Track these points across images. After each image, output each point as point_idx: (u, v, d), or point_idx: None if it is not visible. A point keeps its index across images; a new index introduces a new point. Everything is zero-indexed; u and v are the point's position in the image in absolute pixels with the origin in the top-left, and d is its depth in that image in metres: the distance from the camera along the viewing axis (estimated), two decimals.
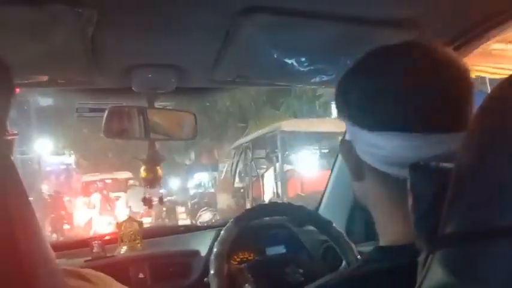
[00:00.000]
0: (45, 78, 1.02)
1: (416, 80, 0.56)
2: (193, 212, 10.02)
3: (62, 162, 13.28)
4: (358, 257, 1.25)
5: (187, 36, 0.99)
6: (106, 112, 1.17)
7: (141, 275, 1.42)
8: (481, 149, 0.39)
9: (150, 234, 1.65)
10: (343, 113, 0.64)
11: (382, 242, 0.64)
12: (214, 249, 1.22)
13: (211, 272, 1.19)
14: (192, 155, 13.18)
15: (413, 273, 0.49)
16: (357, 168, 0.63)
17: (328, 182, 1.73)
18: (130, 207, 9.38)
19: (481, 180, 0.39)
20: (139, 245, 1.55)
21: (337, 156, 1.68)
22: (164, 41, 1.00)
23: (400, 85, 0.57)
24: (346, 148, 0.64)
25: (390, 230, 0.62)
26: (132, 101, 1.28)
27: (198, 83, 1.25)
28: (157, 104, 1.25)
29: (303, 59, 1.09)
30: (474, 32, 0.98)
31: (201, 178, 14.00)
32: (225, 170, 10.66)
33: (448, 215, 0.42)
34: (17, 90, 0.58)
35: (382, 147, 0.57)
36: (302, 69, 1.11)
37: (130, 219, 1.61)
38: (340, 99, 0.65)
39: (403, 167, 0.55)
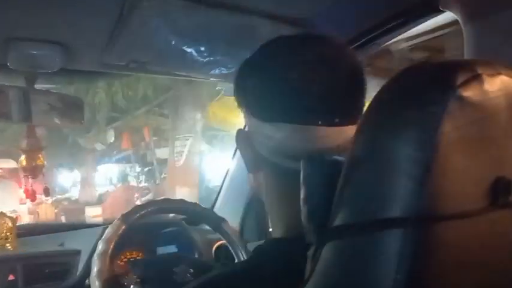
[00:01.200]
0: None
1: (306, 72, 0.57)
2: None
3: None
4: None
5: (78, 12, 0.91)
6: None
7: (11, 277, 1.28)
8: (368, 142, 0.40)
9: (26, 232, 1.49)
10: (241, 103, 0.64)
11: (275, 234, 0.64)
12: (98, 248, 1.13)
13: (93, 272, 1.10)
14: (110, 136, 9.57)
15: (303, 266, 0.48)
16: (253, 159, 0.63)
17: (224, 179, 1.72)
18: None
19: (367, 173, 0.40)
20: (10, 243, 1.40)
21: (234, 152, 1.68)
22: (51, 13, 0.91)
23: (291, 77, 0.57)
24: (243, 138, 0.64)
25: (282, 222, 0.63)
26: (9, 80, 1.14)
27: (87, 65, 1.15)
28: (39, 86, 1.13)
29: (203, 49, 1.06)
30: (370, 35, 1.03)
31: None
32: (186, 150, 7.01)
33: (336, 208, 0.42)
34: None
35: (274, 138, 0.57)
36: (201, 59, 1.08)
37: (2, 214, 1.45)
38: (238, 90, 0.64)
39: (294, 158, 0.55)
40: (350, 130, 0.57)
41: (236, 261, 1.30)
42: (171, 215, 1.53)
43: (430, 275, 0.36)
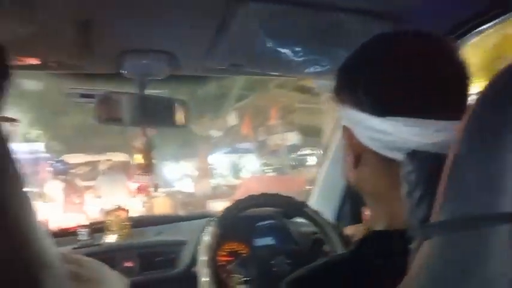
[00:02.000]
0: (37, 61, 1.01)
1: (424, 67, 0.59)
2: None
3: (31, 150, 9.13)
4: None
5: (181, 23, 0.99)
6: (97, 98, 1.17)
7: (128, 264, 1.43)
8: (476, 137, 0.40)
9: (138, 223, 1.65)
10: (344, 100, 0.65)
11: (376, 227, 0.66)
12: (204, 239, 1.23)
13: (201, 261, 1.20)
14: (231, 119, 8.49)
15: (406, 258, 0.50)
16: (358, 154, 0.65)
17: (318, 174, 1.74)
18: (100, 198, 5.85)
19: (474, 169, 0.40)
20: (127, 233, 1.55)
21: (326, 148, 1.69)
22: (158, 26, 1.00)
23: (408, 72, 0.59)
24: (349, 134, 0.65)
25: (386, 215, 0.64)
26: (123, 87, 1.27)
27: (191, 70, 1.25)
28: (148, 91, 1.25)
29: (298, 49, 1.09)
30: (467, 26, 0.99)
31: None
32: None
33: (441, 202, 0.43)
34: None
35: (388, 133, 0.59)
36: (296, 59, 1.12)
37: (118, 207, 1.61)
38: (344, 87, 0.66)
39: (405, 152, 0.57)
40: (458, 126, 0.57)
41: (332, 253, 1.33)
42: (268, 208, 1.59)
43: None
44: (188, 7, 0.91)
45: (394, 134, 0.58)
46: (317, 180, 1.75)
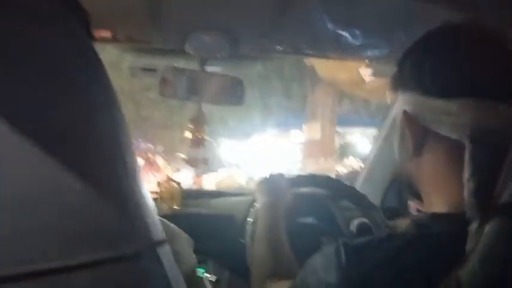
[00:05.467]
0: (108, 33, 1.09)
1: (491, 51, 0.63)
2: None
3: None
4: None
5: (244, 3, 1.04)
6: (160, 73, 1.24)
7: None
8: None
9: (187, 196, 1.73)
10: (411, 83, 0.68)
11: (432, 210, 0.68)
12: (250, 215, 1.28)
13: (249, 235, 1.25)
14: None
15: (463, 241, 0.52)
16: (420, 139, 0.67)
17: (365, 163, 1.76)
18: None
19: None
20: (177, 204, 1.63)
21: (376, 140, 1.71)
22: (221, 6, 1.05)
23: (475, 53, 0.63)
24: (410, 119, 0.68)
25: (444, 199, 0.66)
26: (183, 63, 1.34)
27: (250, 50, 1.29)
28: (208, 68, 1.31)
29: (357, 32, 1.12)
30: None
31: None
32: None
33: (504, 185, 0.45)
34: None
35: (454, 114, 0.61)
36: (355, 42, 1.14)
37: (169, 179, 1.70)
38: (408, 70, 0.69)
39: (469, 133, 0.60)
40: None
41: None
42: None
43: None
44: None
45: (458, 115, 0.61)
46: (364, 167, 1.77)
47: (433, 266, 0.58)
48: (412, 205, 1.88)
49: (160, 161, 6.58)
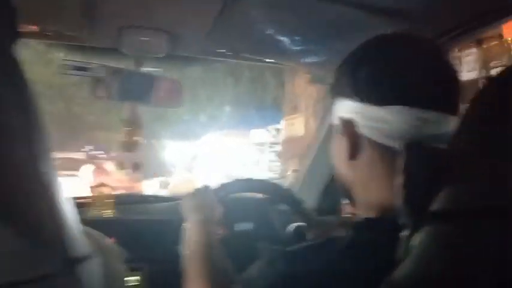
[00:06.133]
0: (35, 28, 1.01)
1: (425, 61, 0.65)
2: None
3: None
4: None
5: (183, 2, 1.00)
6: (93, 72, 1.17)
7: (112, 240, 1.43)
8: (477, 131, 0.44)
9: (122, 201, 1.66)
10: (347, 91, 0.69)
11: (364, 215, 0.70)
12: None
13: (184, 242, 1.21)
14: None
15: (396, 247, 0.52)
16: (355, 145, 0.69)
17: (302, 167, 1.78)
18: None
19: (473, 162, 0.43)
20: (109, 210, 1.56)
21: (312, 144, 1.73)
22: (159, 4, 1.01)
23: (410, 63, 0.65)
24: (346, 126, 0.69)
25: (376, 204, 0.68)
26: (118, 63, 1.28)
27: (189, 51, 1.26)
28: (144, 69, 1.26)
29: (297, 38, 1.12)
30: (461, 29, 1.04)
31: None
32: None
33: (437, 193, 0.46)
34: None
35: (387, 121, 0.64)
36: (295, 48, 1.14)
37: (102, 184, 1.62)
38: (345, 77, 0.70)
39: (405, 141, 0.60)
40: (453, 120, 0.63)
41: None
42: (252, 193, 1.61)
43: None
44: None
45: (393, 122, 0.63)
46: (301, 169, 1.78)
47: (369, 271, 0.57)
48: (347, 208, 1.93)
49: (110, 166, 6.41)
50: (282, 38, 1.13)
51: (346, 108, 0.69)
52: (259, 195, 1.66)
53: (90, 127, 8.52)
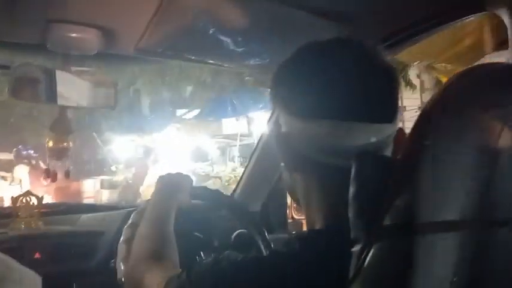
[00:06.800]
0: None
1: (348, 72, 0.62)
2: None
3: None
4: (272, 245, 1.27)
5: None
6: (13, 70, 1.07)
7: (37, 255, 1.32)
8: (428, 143, 0.42)
9: (51, 211, 1.54)
10: (280, 103, 0.67)
11: (310, 227, 0.68)
12: (124, 233, 1.17)
13: (120, 257, 1.14)
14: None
15: (341, 260, 0.50)
16: (293, 159, 0.66)
17: (245, 169, 1.74)
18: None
19: (425, 174, 0.41)
20: (37, 221, 1.44)
21: (256, 145, 1.70)
22: None
23: (334, 76, 0.61)
24: (282, 139, 0.66)
25: (321, 216, 0.65)
26: (45, 61, 1.17)
27: (124, 50, 1.18)
28: (75, 68, 1.16)
29: (239, 39, 1.08)
30: (405, 33, 1.05)
31: None
32: None
33: (389, 207, 0.44)
34: None
35: (316, 136, 0.61)
36: (237, 49, 1.11)
37: (28, 192, 1.50)
38: (276, 90, 0.68)
39: (337, 155, 0.60)
40: (387, 128, 0.62)
41: (255, 250, 1.33)
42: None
43: (489, 280, 0.37)
44: None
45: (324, 137, 0.61)
46: (244, 176, 1.75)
47: (315, 283, 0.56)
48: (295, 213, 1.92)
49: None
50: (223, 39, 1.08)
51: (281, 119, 0.67)
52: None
53: (17, 129, 8.01)
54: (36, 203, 1.47)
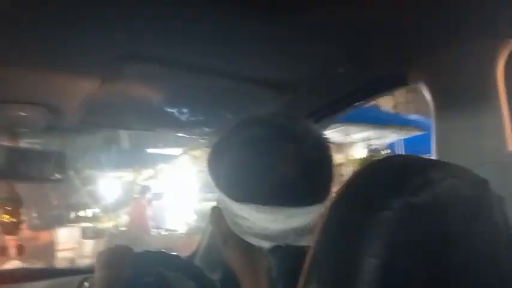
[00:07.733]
0: None
1: (272, 156, 0.62)
2: None
3: None
4: None
5: (62, 75, 0.96)
6: None
7: None
8: (330, 240, 0.44)
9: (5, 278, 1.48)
10: (214, 181, 0.68)
11: None
12: None
13: None
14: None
15: None
16: (224, 234, 0.67)
17: (203, 234, 1.73)
18: None
19: (328, 268, 0.43)
20: None
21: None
22: (35, 77, 0.95)
23: (261, 160, 0.63)
24: (216, 215, 0.68)
25: None
26: None
27: (70, 122, 1.19)
28: (23, 142, 1.17)
29: (185, 110, 1.11)
30: (339, 104, 1.09)
31: None
32: None
33: None
34: None
35: (246, 218, 0.62)
36: (183, 119, 1.13)
37: None
38: (211, 169, 0.69)
39: (265, 238, 0.61)
40: (318, 209, 0.62)
41: None
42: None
43: None
44: (71, 62, 0.88)
45: (250, 219, 0.62)
46: (202, 241, 1.73)
47: None
48: None
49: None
50: (170, 110, 1.11)
51: (217, 196, 0.68)
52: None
53: None
54: None
